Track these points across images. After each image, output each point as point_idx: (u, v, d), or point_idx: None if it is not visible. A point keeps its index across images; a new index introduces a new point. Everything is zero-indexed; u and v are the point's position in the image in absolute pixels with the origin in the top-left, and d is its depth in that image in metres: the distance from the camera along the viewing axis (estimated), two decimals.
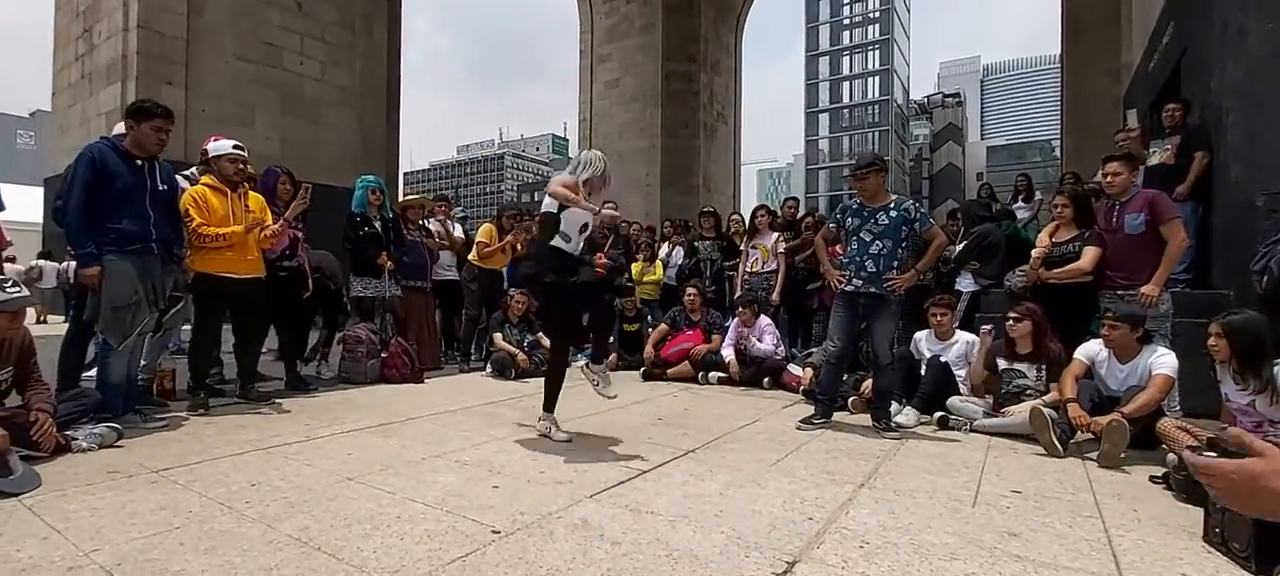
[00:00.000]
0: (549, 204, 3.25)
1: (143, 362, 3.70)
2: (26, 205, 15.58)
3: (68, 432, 2.82)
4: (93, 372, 3.65)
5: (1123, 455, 3.02)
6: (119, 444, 2.95)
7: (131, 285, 3.32)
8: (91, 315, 3.38)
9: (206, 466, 2.72)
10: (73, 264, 14.13)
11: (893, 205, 3.65)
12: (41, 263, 14.09)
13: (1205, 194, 4.83)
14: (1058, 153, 25.83)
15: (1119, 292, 3.72)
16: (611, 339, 6.49)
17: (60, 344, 3.68)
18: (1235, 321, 2.77)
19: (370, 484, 2.55)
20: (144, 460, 2.76)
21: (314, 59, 13.76)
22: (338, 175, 12.08)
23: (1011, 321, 3.78)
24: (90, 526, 2.04)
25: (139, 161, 3.39)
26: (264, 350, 4.68)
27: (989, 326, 4.00)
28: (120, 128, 3.61)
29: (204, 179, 3.83)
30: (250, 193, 3.97)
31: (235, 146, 3.86)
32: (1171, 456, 2.85)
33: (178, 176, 3.85)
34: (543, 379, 5.30)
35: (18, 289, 2.74)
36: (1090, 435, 3.25)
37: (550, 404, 3.43)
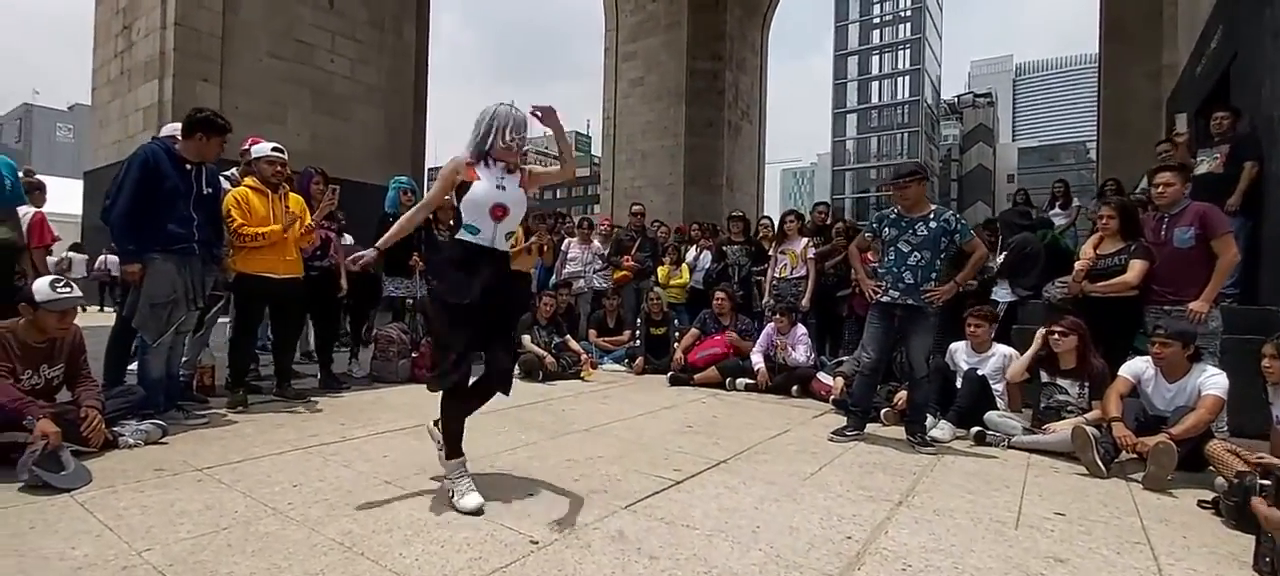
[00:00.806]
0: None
1: (183, 358, 3.79)
2: (66, 197, 16.12)
3: (115, 428, 2.90)
4: (134, 367, 3.75)
5: (1169, 477, 2.94)
6: (164, 441, 3.02)
7: (170, 284, 3.40)
8: (130, 311, 3.47)
9: (249, 465, 2.78)
10: (113, 256, 14.51)
11: (933, 215, 3.58)
12: (71, 254, 14.52)
13: (1255, 205, 4.66)
14: (1093, 155, 25.20)
15: (1166, 308, 3.61)
16: (637, 341, 6.51)
17: (106, 339, 3.77)
18: None
19: (408, 488, 2.57)
20: (188, 458, 2.82)
21: (344, 57, 13.97)
22: (365, 172, 12.26)
23: (1056, 336, 3.68)
24: (141, 525, 2.09)
25: (187, 166, 3.46)
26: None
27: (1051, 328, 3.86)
28: (169, 129, 3.69)
29: (246, 180, 3.90)
30: (290, 194, 4.04)
31: (274, 149, 3.92)
32: (1220, 480, 2.77)
33: (220, 176, 3.93)
34: (569, 380, 5.45)
35: (69, 288, 2.82)
36: (1134, 455, 3.16)
37: (455, 448, 2.47)
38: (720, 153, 22.36)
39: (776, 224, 6.45)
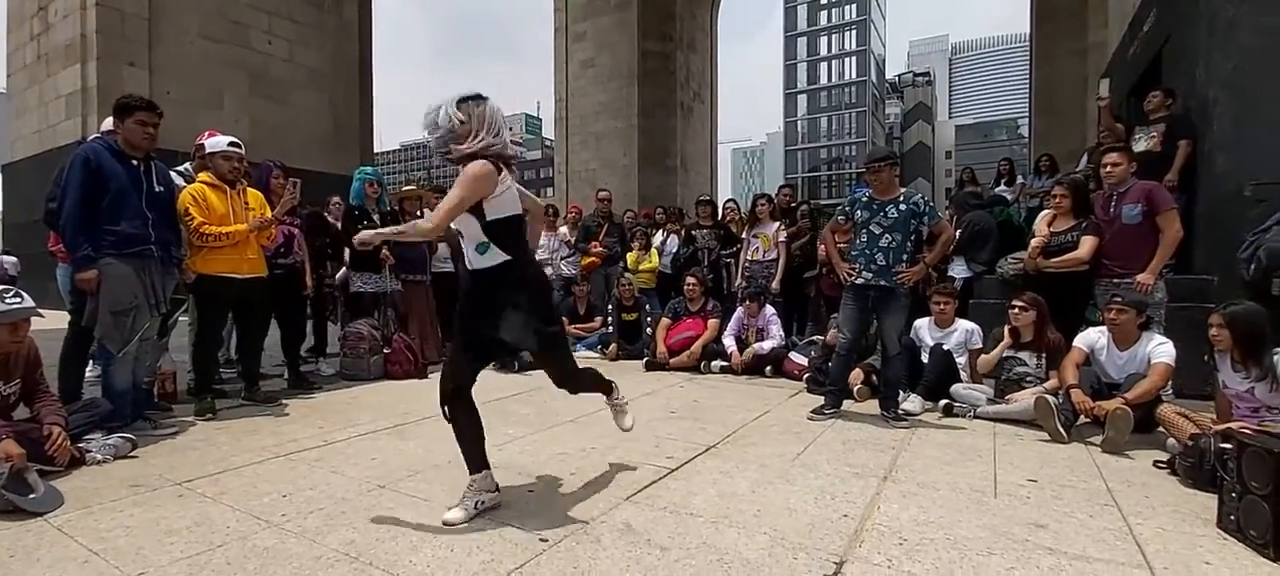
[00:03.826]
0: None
1: (145, 363, 3.60)
2: None
3: (80, 444, 2.74)
4: (92, 374, 3.55)
5: (1125, 440, 3.15)
6: (133, 454, 2.88)
7: (130, 289, 3.22)
8: (90, 321, 3.27)
9: (230, 476, 2.68)
10: (9, 258, 13.52)
11: (902, 199, 3.70)
12: None
13: (1188, 182, 4.98)
14: (1023, 132, 26.39)
15: (1115, 281, 3.85)
16: (610, 327, 6.52)
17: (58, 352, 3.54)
18: (1237, 311, 2.89)
19: (403, 492, 2.53)
20: (164, 471, 2.69)
21: (282, 38, 13.30)
22: (310, 159, 11.72)
23: (1016, 310, 3.88)
24: (129, 547, 2.00)
25: (134, 161, 3.26)
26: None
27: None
28: (108, 124, 3.46)
29: (201, 176, 3.70)
30: (249, 189, 3.85)
31: (231, 143, 3.72)
32: (1172, 441, 3.00)
33: (172, 172, 3.72)
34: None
35: (19, 299, 2.63)
36: (1090, 420, 3.38)
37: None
38: (673, 133, 22.38)
39: (746, 207, 6.53)
